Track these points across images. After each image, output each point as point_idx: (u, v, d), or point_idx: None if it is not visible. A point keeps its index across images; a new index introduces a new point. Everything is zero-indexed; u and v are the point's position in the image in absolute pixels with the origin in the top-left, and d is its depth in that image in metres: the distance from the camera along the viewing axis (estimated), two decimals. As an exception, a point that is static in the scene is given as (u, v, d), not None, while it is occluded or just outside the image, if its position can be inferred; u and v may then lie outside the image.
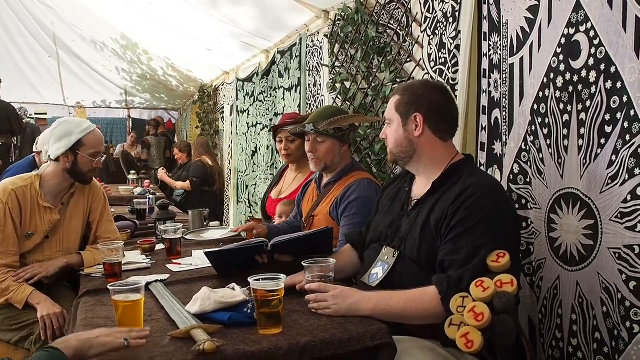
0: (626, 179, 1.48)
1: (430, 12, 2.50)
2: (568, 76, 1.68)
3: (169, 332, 1.45)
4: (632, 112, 1.46)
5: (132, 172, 6.43)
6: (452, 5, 2.32)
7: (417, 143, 1.74)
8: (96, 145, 2.40)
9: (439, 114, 1.74)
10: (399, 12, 2.77)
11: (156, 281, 1.99)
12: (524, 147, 1.89)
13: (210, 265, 2.16)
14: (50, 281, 2.38)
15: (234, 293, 1.62)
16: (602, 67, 1.55)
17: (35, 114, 8.36)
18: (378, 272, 1.75)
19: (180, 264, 2.32)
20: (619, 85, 1.50)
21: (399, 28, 2.77)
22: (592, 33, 1.59)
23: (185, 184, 6.12)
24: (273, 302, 1.43)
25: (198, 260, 2.36)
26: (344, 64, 3.33)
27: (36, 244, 2.38)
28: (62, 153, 2.34)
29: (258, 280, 1.47)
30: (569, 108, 1.68)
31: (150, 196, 4.38)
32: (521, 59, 1.89)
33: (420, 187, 1.80)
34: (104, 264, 2.12)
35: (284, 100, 4.50)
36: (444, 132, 1.76)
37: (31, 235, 2.35)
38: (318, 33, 3.79)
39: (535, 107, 1.83)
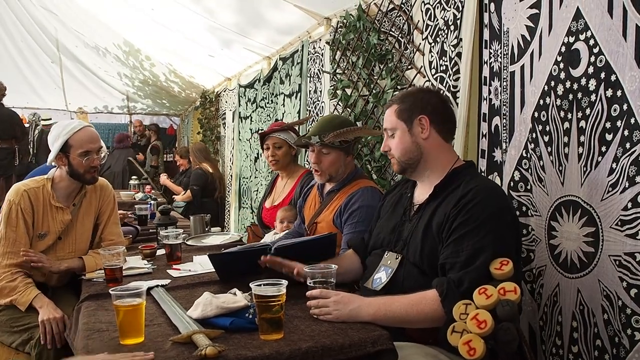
0: (626, 186, 1.49)
1: (432, 19, 2.52)
2: (568, 84, 1.69)
3: (170, 337, 1.46)
4: (632, 120, 1.47)
5: (134, 177, 6.43)
6: (453, 13, 2.34)
7: (424, 146, 1.77)
8: (83, 144, 2.36)
9: (442, 115, 1.80)
10: (400, 19, 2.78)
11: (157, 286, 1.99)
12: (524, 155, 1.90)
13: (211, 270, 2.16)
14: (59, 283, 2.40)
15: (236, 298, 1.62)
16: (602, 75, 1.56)
17: (42, 119, 8.39)
18: (381, 276, 1.76)
19: (179, 269, 2.32)
20: (619, 93, 1.51)
21: (400, 35, 2.78)
22: (591, 41, 1.60)
23: (186, 195, 6.04)
24: (274, 308, 1.44)
25: (198, 265, 2.36)
26: (345, 71, 3.34)
27: (49, 244, 2.39)
28: (55, 157, 2.37)
29: (259, 285, 1.48)
30: (569, 116, 1.69)
31: (152, 202, 4.38)
32: (522, 67, 1.90)
33: (422, 193, 1.81)
34: (105, 268, 2.12)
35: (284, 106, 4.52)
36: (447, 133, 1.81)
37: (44, 235, 2.37)
38: (320, 40, 3.81)
39: (536, 114, 1.84)
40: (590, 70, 1.61)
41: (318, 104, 3.86)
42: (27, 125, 8.85)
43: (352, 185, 2.37)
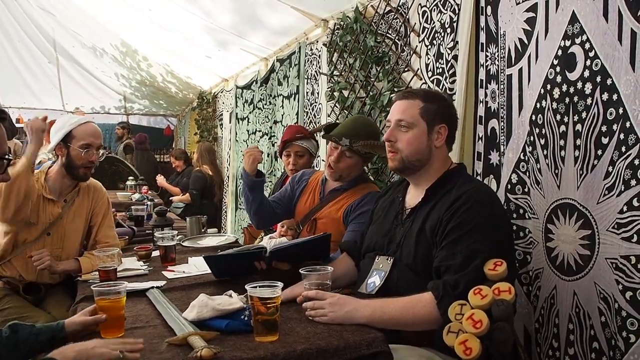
0: (622, 190, 1.49)
1: (429, 22, 2.52)
2: (564, 88, 1.70)
3: (166, 338, 1.45)
4: (627, 124, 1.47)
5: (130, 178, 6.41)
6: (450, 16, 2.34)
7: (435, 152, 1.77)
8: (86, 136, 2.40)
9: (455, 127, 1.83)
10: (397, 22, 2.79)
11: (152, 287, 1.99)
12: (522, 158, 1.91)
13: (206, 272, 2.16)
14: (51, 280, 2.42)
15: (231, 300, 1.62)
16: (598, 79, 1.57)
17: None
18: (375, 280, 1.76)
19: (174, 271, 2.31)
20: (615, 97, 1.51)
21: (397, 38, 2.78)
22: (587, 45, 1.61)
23: (185, 196, 6.06)
24: (270, 310, 1.44)
25: (193, 267, 2.35)
26: (342, 73, 3.35)
27: (36, 236, 2.39)
28: (55, 146, 2.40)
29: (255, 287, 1.47)
30: (565, 119, 1.70)
31: (148, 202, 4.37)
32: (520, 70, 1.91)
33: (414, 196, 1.81)
34: (99, 270, 2.12)
35: (282, 108, 4.52)
36: (452, 143, 1.84)
37: (32, 224, 2.38)
38: (317, 42, 3.81)
39: (534, 117, 1.84)
40: (586, 73, 1.61)
41: (315, 105, 3.86)
42: (22, 125, 8.82)
43: (363, 187, 2.39)
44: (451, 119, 1.80)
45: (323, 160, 3.13)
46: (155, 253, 2.62)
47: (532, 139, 1.85)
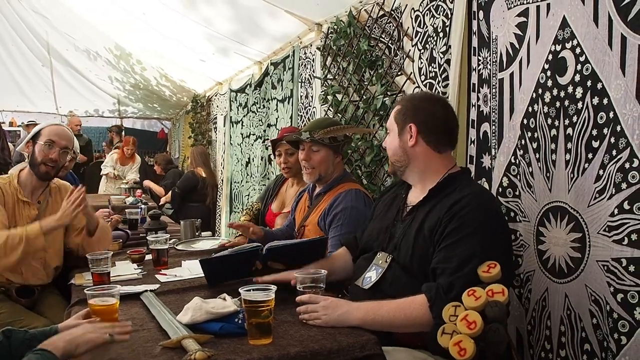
0: (613, 193, 1.51)
1: (421, 26, 2.54)
2: (555, 92, 1.72)
3: (160, 341, 1.45)
4: (618, 128, 1.49)
5: (124, 181, 6.39)
6: (442, 20, 2.36)
7: (411, 153, 1.77)
8: (51, 134, 2.45)
9: (433, 126, 1.75)
10: (390, 26, 2.80)
11: (146, 291, 1.98)
12: (513, 161, 1.92)
13: (199, 275, 2.15)
14: (40, 281, 2.39)
15: (225, 303, 1.62)
16: (589, 83, 1.58)
17: (29, 122, 8.33)
18: (372, 275, 1.76)
19: (166, 274, 2.30)
20: (605, 101, 1.53)
21: (390, 42, 2.80)
22: (578, 50, 1.62)
23: (168, 195, 6.04)
24: (263, 313, 1.44)
25: (186, 270, 2.34)
26: (336, 77, 3.36)
27: None
28: (25, 144, 2.47)
29: (249, 290, 1.48)
30: (556, 123, 1.71)
31: (142, 206, 4.35)
32: (511, 74, 1.92)
33: (416, 195, 1.82)
34: (93, 274, 2.11)
35: (276, 111, 4.52)
36: (438, 144, 1.76)
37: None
38: (311, 45, 3.82)
39: (525, 121, 1.86)
40: (577, 78, 1.63)
41: (309, 109, 3.87)
42: (17, 128, 8.80)
43: (339, 187, 2.39)
44: (423, 118, 1.74)
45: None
46: (149, 256, 2.62)
47: (523, 142, 1.86)
